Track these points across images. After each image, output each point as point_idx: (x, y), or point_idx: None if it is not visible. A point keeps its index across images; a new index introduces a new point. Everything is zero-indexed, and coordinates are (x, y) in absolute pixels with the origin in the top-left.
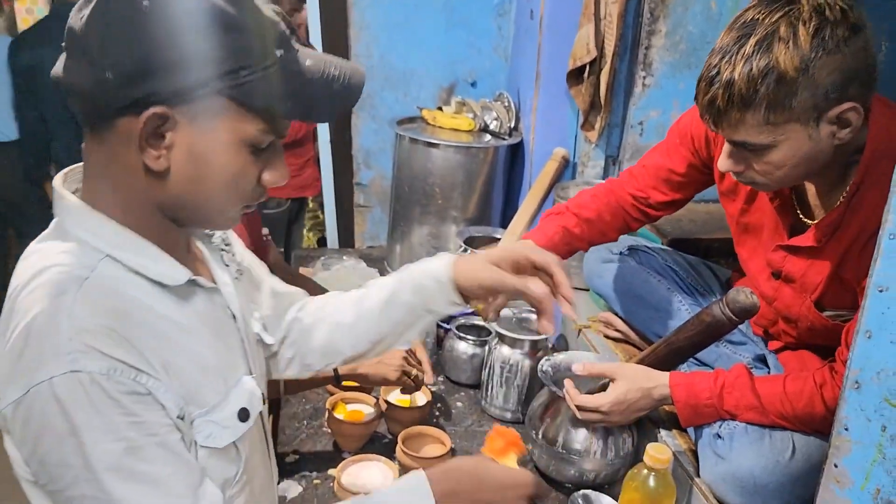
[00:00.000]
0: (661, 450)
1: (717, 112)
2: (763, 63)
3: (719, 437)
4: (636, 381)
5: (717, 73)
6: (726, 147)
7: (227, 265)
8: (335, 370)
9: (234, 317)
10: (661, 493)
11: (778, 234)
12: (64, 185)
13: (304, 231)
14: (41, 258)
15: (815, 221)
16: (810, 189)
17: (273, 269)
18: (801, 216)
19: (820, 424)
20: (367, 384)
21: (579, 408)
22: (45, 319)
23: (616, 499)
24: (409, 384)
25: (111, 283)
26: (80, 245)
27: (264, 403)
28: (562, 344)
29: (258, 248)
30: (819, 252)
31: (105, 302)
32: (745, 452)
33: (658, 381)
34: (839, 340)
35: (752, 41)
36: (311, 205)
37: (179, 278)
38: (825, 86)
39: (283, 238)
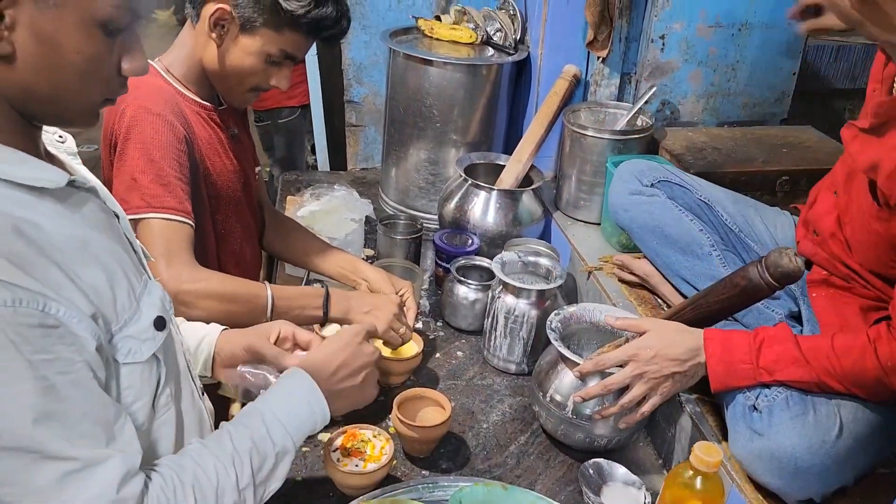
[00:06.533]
0: (710, 451)
1: None
2: None
3: (755, 409)
4: (667, 327)
5: None
6: None
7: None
8: (325, 311)
9: (117, 216)
10: (710, 498)
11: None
12: None
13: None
14: None
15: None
16: None
17: (260, 206)
18: None
19: (872, 384)
20: None
21: (598, 366)
22: None
23: (629, 465)
24: (396, 340)
25: None
26: None
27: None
28: (570, 284)
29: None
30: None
31: None
32: (785, 430)
33: (693, 331)
34: (883, 263)
35: None
36: None
37: (58, 180)
38: None
39: (307, 145)
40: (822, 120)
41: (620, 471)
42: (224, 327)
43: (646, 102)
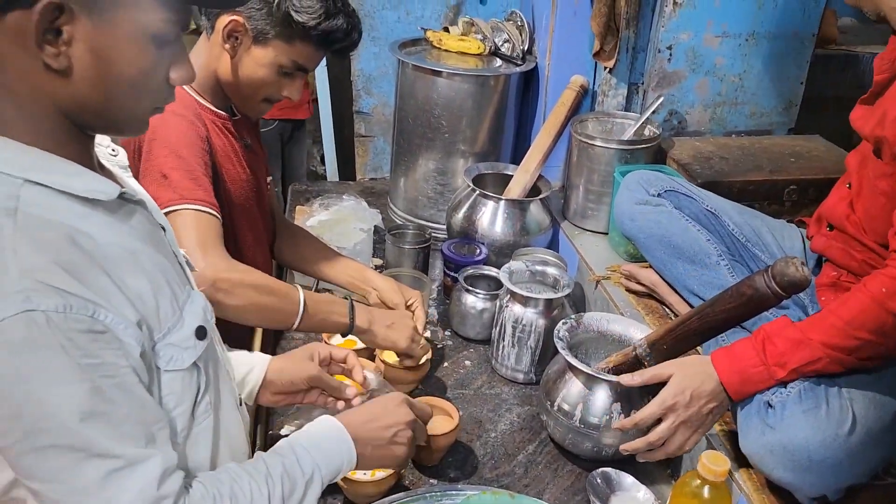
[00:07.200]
0: (717, 460)
1: None
2: None
3: (770, 406)
4: (690, 364)
5: None
6: None
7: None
8: (350, 319)
9: (163, 229)
10: None
11: None
12: None
13: (310, 156)
14: None
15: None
16: None
17: (271, 215)
18: None
19: (876, 323)
20: (374, 345)
21: (637, 425)
22: None
23: (637, 475)
24: (419, 353)
25: (42, 212)
26: None
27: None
28: (578, 294)
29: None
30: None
31: (45, 234)
32: (798, 423)
33: (707, 360)
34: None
35: None
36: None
37: (111, 192)
38: None
39: (279, 160)
40: (829, 129)
41: (628, 480)
42: (270, 356)
43: (653, 112)
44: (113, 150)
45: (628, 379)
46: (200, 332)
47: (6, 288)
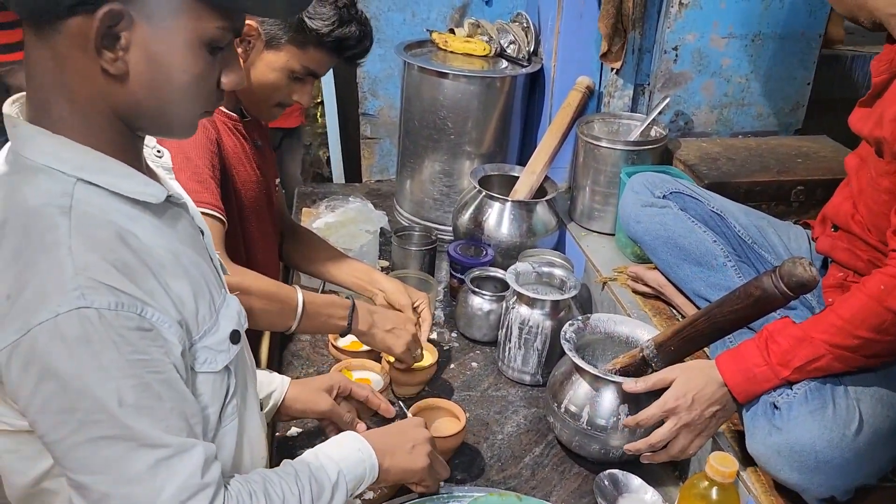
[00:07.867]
0: (725, 461)
1: None
2: None
3: (776, 407)
4: (693, 368)
5: None
6: None
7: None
8: (349, 322)
9: (202, 232)
10: None
11: None
12: (12, 109)
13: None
14: (7, 193)
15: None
16: None
17: (280, 217)
18: None
19: (877, 320)
20: (373, 347)
21: (640, 424)
22: (41, 255)
23: (645, 476)
24: (409, 362)
25: (94, 211)
26: (45, 173)
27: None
28: (585, 295)
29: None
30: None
31: (98, 232)
32: (804, 423)
33: (713, 363)
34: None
35: None
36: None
37: (159, 195)
38: None
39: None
40: (836, 130)
41: (636, 482)
42: (290, 379)
43: (659, 113)
44: (158, 152)
45: (631, 385)
46: (235, 336)
47: (62, 285)
